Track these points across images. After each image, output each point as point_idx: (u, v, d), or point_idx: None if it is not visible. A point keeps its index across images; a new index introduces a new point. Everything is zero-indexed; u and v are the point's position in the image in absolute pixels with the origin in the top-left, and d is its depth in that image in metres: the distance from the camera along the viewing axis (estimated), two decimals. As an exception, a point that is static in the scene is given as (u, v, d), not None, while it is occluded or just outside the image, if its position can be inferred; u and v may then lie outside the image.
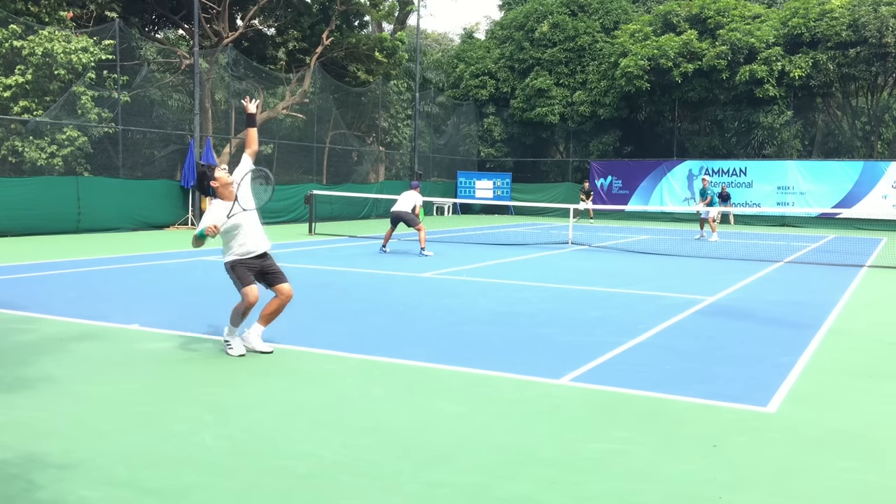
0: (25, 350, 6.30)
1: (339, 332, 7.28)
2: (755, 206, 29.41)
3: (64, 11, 20.72)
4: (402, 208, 14.97)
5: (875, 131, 31.52)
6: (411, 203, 15.04)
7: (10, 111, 18.39)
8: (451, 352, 6.54)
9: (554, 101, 33.90)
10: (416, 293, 10.02)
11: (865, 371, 6.23)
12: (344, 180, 30.04)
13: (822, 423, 4.83)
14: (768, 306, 9.35)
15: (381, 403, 5.05)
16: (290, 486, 3.67)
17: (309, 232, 20.01)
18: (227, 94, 26.35)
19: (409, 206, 15.01)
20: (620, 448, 4.28)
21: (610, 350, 6.65)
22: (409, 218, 14.88)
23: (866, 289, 11.24)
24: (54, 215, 17.77)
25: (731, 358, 6.53)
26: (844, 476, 3.96)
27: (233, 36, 24.72)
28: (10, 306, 8.18)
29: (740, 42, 29.63)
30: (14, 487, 3.57)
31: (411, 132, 33.78)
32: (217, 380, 5.56)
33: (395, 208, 15.12)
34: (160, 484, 3.65)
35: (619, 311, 8.91)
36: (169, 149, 24.29)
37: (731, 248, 17.62)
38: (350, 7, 27.73)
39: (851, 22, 28.07)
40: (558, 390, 5.44)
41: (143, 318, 7.69)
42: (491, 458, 4.08)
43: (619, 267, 13.67)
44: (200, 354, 6.28)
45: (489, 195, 33.74)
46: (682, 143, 32.85)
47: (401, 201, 15.17)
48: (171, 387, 5.37)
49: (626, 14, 34.89)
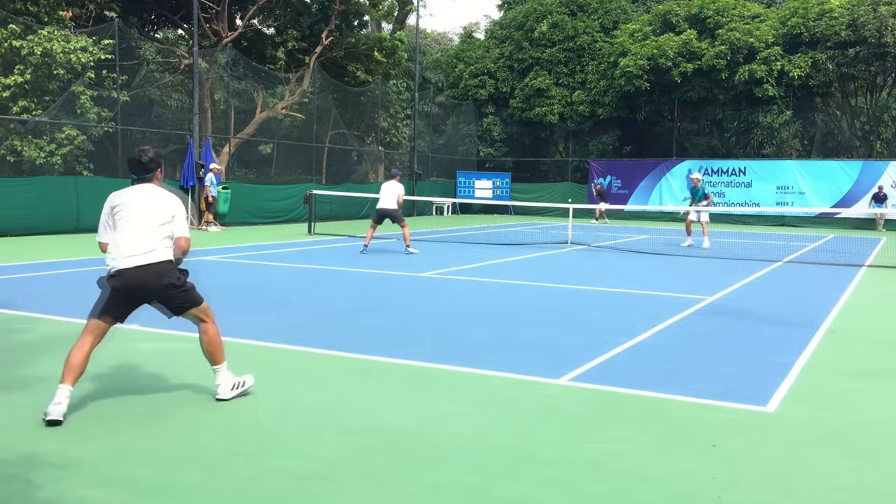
0: (25, 350, 6.30)
1: (339, 332, 7.27)
2: (754, 206, 29.42)
3: (63, 11, 20.71)
4: (388, 205, 14.75)
5: (874, 131, 31.54)
6: (395, 195, 14.81)
7: (9, 111, 18.38)
8: (451, 352, 6.53)
9: (553, 101, 33.90)
10: (416, 293, 10.02)
11: (865, 371, 6.23)
12: (343, 180, 30.06)
13: (822, 422, 4.83)
14: (768, 306, 9.34)
15: (380, 403, 5.05)
16: (289, 486, 3.67)
17: (308, 232, 20.00)
18: (226, 94, 26.35)
19: (393, 200, 14.76)
20: (620, 448, 4.27)
21: (609, 350, 6.65)
22: (396, 215, 14.78)
23: (866, 288, 11.24)
24: (53, 215, 17.75)
25: (730, 358, 6.53)
26: (844, 476, 3.96)
27: (232, 36, 24.70)
28: (9, 306, 8.17)
29: (739, 42, 29.63)
30: (13, 487, 3.56)
31: (410, 132, 33.79)
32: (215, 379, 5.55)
33: (381, 205, 14.87)
34: (159, 483, 3.65)
35: (619, 310, 8.91)
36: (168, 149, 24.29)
37: (731, 248, 17.61)
38: (349, 7, 27.72)
39: (851, 22, 28.08)
40: (557, 390, 5.43)
41: (142, 318, 7.67)
42: (490, 458, 4.08)
43: (619, 267, 13.67)
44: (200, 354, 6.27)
45: (488, 195, 33.73)
46: (681, 142, 32.85)
47: (385, 196, 14.88)
48: (170, 387, 5.36)
49: (625, 14, 34.90)
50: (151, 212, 4.81)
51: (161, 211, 4.84)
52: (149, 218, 4.79)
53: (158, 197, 4.90)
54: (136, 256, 4.69)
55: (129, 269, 4.67)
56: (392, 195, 14.85)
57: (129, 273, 4.67)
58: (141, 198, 4.86)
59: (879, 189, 27.32)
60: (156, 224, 4.79)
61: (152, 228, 4.77)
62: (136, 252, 4.69)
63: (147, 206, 4.82)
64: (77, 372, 4.67)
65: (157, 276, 4.72)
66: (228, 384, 5.02)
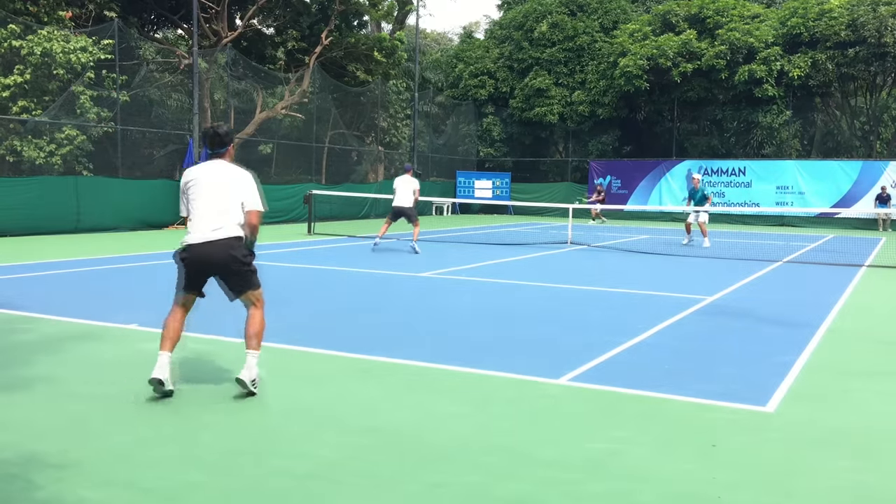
0: (24, 350, 6.30)
1: (338, 332, 7.27)
2: (754, 206, 29.43)
3: (63, 11, 20.72)
4: (405, 203, 14.73)
5: (874, 131, 31.54)
6: (410, 191, 14.77)
7: (8, 111, 18.39)
8: (450, 352, 6.53)
9: (553, 101, 33.91)
10: (416, 293, 10.02)
11: (865, 370, 6.23)
12: (343, 180, 30.06)
13: (822, 422, 4.83)
14: (767, 306, 9.35)
15: (379, 403, 5.05)
16: (289, 486, 3.67)
17: (308, 232, 19.99)
18: (226, 94, 26.35)
19: (409, 197, 14.73)
20: (620, 448, 4.28)
21: (609, 350, 6.65)
22: (410, 213, 14.82)
23: (865, 288, 11.24)
24: (53, 215, 17.76)
25: (730, 358, 6.53)
26: (844, 476, 3.96)
27: (232, 36, 24.71)
28: (9, 306, 8.17)
29: (739, 42, 29.64)
30: (13, 487, 3.56)
31: (410, 132, 33.79)
32: (215, 379, 5.56)
33: (397, 203, 14.81)
34: (159, 484, 3.65)
35: (618, 310, 8.91)
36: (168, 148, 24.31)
37: (731, 248, 17.62)
38: (349, 7, 27.73)
39: (850, 22, 28.08)
40: (557, 390, 5.44)
41: (142, 317, 7.68)
42: (490, 458, 4.08)
43: (619, 267, 13.68)
44: (199, 354, 6.28)
45: (488, 195, 33.73)
46: (680, 142, 32.86)
47: (400, 193, 14.82)
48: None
49: (625, 14, 34.91)
50: (223, 189, 4.96)
51: (232, 187, 4.98)
52: (220, 194, 4.94)
53: (230, 173, 5.03)
54: (205, 232, 4.88)
55: (197, 244, 4.88)
56: (408, 191, 14.76)
57: (196, 248, 4.89)
58: (213, 174, 5.01)
59: (883, 190, 27.33)
60: (226, 200, 4.94)
61: (223, 205, 4.93)
62: (206, 228, 4.89)
63: (219, 184, 4.97)
64: (174, 339, 5.00)
65: (224, 248, 4.89)
66: (254, 373, 5.06)
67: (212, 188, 4.96)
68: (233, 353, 6.22)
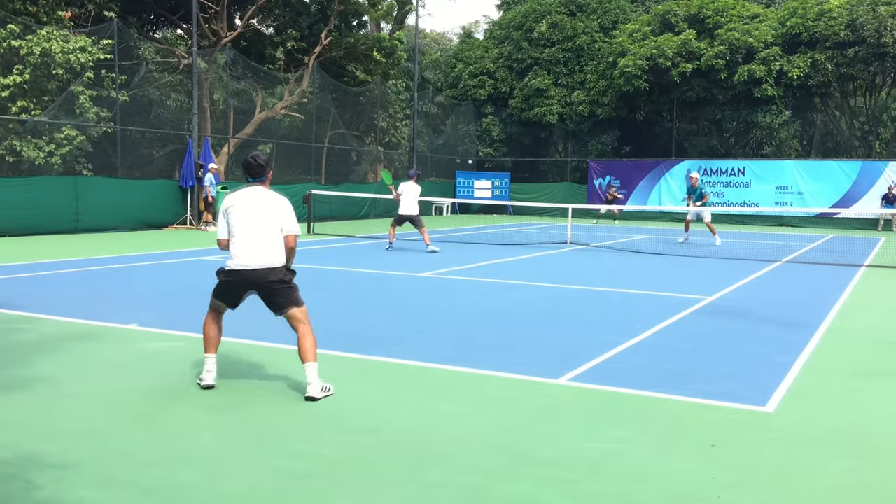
0: (24, 350, 6.30)
1: (338, 332, 7.27)
2: (754, 206, 29.43)
3: (62, 11, 20.70)
4: (411, 210, 15.17)
5: (873, 131, 31.55)
6: (415, 198, 15.21)
7: (8, 111, 18.38)
8: (450, 352, 6.54)
9: (552, 101, 33.91)
10: (416, 293, 10.02)
11: (864, 370, 6.23)
12: (343, 180, 30.05)
13: (822, 422, 4.83)
14: (767, 306, 9.35)
15: (379, 403, 5.05)
16: (289, 486, 3.67)
17: (308, 231, 19.99)
18: (225, 94, 26.34)
19: (415, 204, 15.20)
20: (619, 448, 4.28)
21: (609, 350, 6.65)
22: (416, 220, 15.18)
23: (865, 288, 11.25)
24: (53, 215, 17.75)
25: (729, 358, 6.53)
26: (843, 476, 3.96)
27: (231, 36, 24.70)
28: (8, 306, 8.17)
29: (739, 42, 29.64)
30: (12, 487, 3.56)
31: (410, 132, 33.78)
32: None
33: (403, 210, 15.22)
34: (159, 484, 3.65)
35: (618, 310, 8.91)
36: (167, 148, 24.29)
37: (731, 249, 17.62)
38: (348, 7, 27.73)
39: (850, 22, 28.09)
40: (557, 390, 5.44)
41: (141, 318, 7.68)
42: (490, 458, 4.08)
43: (618, 267, 13.68)
44: (199, 354, 6.27)
45: (488, 195, 33.74)
46: (680, 142, 32.85)
47: (406, 201, 15.22)
48: (169, 387, 5.36)
49: (624, 14, 34.90)
50: (263, 216, 5.21)
51: (272, 214, 5.23)
52: (261, 222, 5.20)
53: (270, 200, 5.28)
54: (247, 259, 5.15)
55: (238, 269, 5.18)
56: (414, 198, 15.23)
57: (238, 273, 5.19)
58: (253, 202, 5.25)
59: (889, 190, 27.23)
60: (267, 227, 5.21)
61: (264, 232, 5.20)
62: (248, 255, 5.16)
63: (259, 211, 5.22)
64: (215, 342, 5.36)
65: (266, 274, 5.17)
66: (319, 385, 5.13)
67: (253, 216, 5.20)
68: (233, 354, 6.22)
